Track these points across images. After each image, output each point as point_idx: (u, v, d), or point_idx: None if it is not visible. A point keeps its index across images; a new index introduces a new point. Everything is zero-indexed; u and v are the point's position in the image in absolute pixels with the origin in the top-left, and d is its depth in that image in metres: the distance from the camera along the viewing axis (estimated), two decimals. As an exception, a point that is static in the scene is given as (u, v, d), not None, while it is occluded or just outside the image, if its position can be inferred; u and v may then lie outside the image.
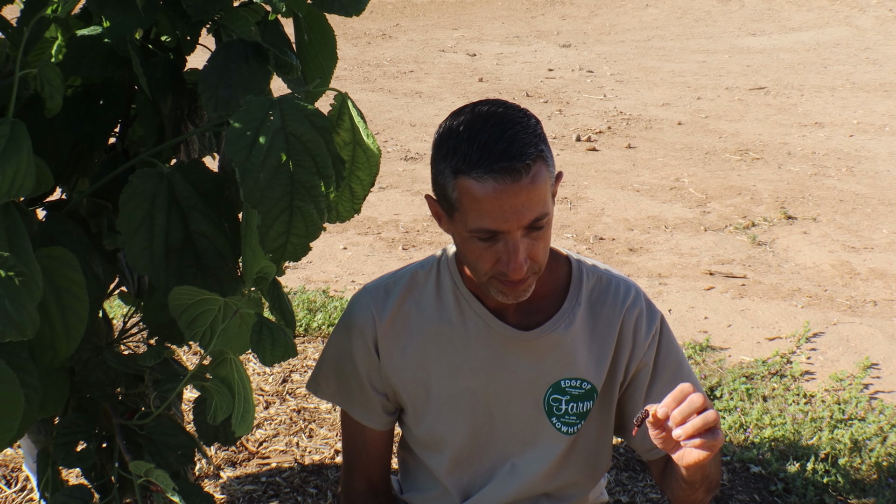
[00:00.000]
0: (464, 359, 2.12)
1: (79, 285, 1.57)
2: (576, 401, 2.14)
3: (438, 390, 2.15)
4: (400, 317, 2.14)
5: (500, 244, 1.86)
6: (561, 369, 2.12)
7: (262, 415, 3.92)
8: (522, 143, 1.80)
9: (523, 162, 1.79)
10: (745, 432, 3.88)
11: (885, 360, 4.63)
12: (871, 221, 6.67)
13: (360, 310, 2.16)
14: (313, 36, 2.01)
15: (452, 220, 1.91)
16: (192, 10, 1.77)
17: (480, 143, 1.80)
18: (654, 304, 2.21)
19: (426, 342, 2.13)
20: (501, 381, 2.13)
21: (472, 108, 1.89)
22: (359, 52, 13.27)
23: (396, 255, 5.98)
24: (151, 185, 1.67)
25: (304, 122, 1.55)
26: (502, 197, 1.80)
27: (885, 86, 11.24)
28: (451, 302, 2.12)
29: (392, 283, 2.17)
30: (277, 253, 1.56)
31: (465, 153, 1.81)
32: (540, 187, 1.83)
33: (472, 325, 2.10)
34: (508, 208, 1.81)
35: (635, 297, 2.16)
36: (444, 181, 1.86)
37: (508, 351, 2.10)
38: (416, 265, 2.20)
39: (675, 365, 2.19)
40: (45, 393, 1.75)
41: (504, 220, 1.82)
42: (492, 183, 1.79)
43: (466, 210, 1.84)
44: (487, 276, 1.92)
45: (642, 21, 16.60)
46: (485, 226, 1.83)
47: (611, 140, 8.85)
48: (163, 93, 1.87)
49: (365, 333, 2.14)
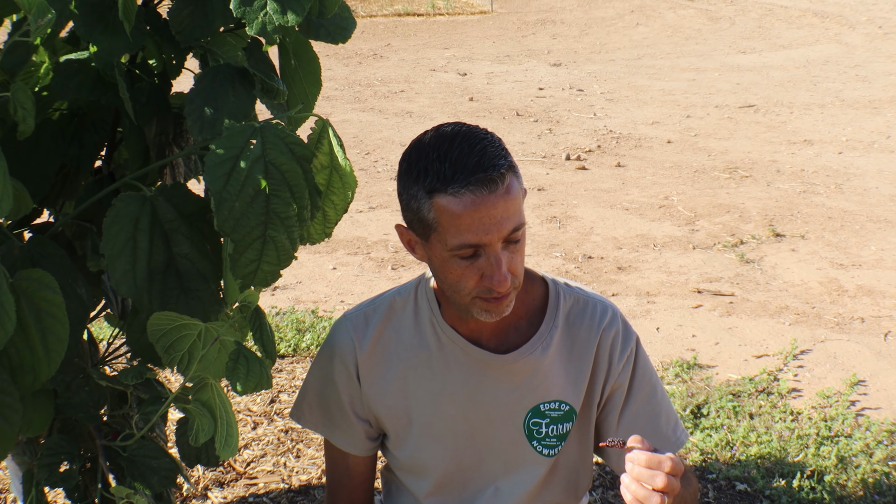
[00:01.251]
0: (443, 385, 2.13)
1: (58, 307, 1.58)
2: (555, 423, 2.15)
3: (420, 416, 2.16)
4: (380, 344, 2.15)
5: (482, 259, 1.86)
6: (540, 393, 2.13)
7: (249, 435, 3.93)
8: (493, 156, 1.82)
9: (497, 172, 1.80)
10: (732, 450, 3.90)
11: (871, 376, 4.64)
12: (860, 238, 6.69)
13: (340, 338, 2.17)
14: (298, 62, 2.03)
15: (429, 242, 1.91)
16: (181, 36, 1.78)
17: (452, 159, 1.81)
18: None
19: (406, 369, 2.14)
20: (482, 406, 2.13)
21: (434, 131, 1.91)
22: (350, 71, 13.30)
23: (386, 275, 5.99)
24: (134, 208, 1.68)
25: (285, 150, 1.56)
26: (481, 209, 1.81)
27: (874, 103, 11.28)
28: (429, 329, 2.12)
29: (371, 311, 2.18)
30: (248, 279, 1.58)
31: (437, 171, 1.82)
32: (515, 198, 1.84)
33: (450, 352, 2.11)
34: (488, 220, 1.82)
35: (612, 318, 2.16)
36: (418, 204, 1.86)
37: (487, 375, 2.11)
38: (394, 292, 2.21)
39: (650, 388, 2.19)
40: (30, 414, 1.77)
41: (485, 233, 1.82)
42: (469, 196, 1.80)
43: (445, 228, 1.84)
44: (471, 297, 1.92)
45: (633, 40, 16.65)
46: (466, 241, 1.83)
47: (600, 159, 8.88)
48: (148, 117, 1.88)
49: (346, 361, 2.15)
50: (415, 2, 21.52)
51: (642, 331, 5.06)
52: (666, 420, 2.21)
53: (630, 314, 5.29)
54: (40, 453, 1.83)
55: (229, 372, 1.60)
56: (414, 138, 1.94)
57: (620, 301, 5.52)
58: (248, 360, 1.63)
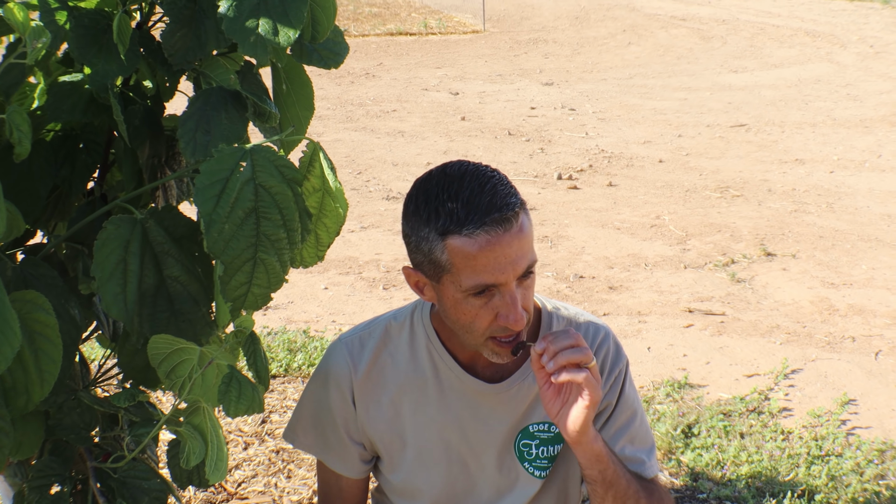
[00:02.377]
0: (438, 411, 2.14)
1: (52, 329, 1.58)
2: (545, 444, 2.16)
3: (414, 441, 2.17)
4: (375, 369, 2.16)
5: (497, 299, 1.87)
6: (529, 414, 2.15)
7: (240, 455, 3.92)
8: (504, 194, 1.83)
9: (511, 210, 1.81)
10: (723, 469, 3.90)
11: (862, 395, 4.65)
12: (851, 258, 6.71)
13: (336, 361, 2.18)
14: (291, 86, 2.04)
15: (441, 284, 1.91)
16: (174, 59, 1.79)
17: (464, 199, 1.82)
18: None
19: (401, 394, 2.15)
20: (475, 433, 2.15)
21: (440, 172, 1.91)
22: (342, 91, 13.32)
23: (377, 295, 6.00)
24: (125, 230, 1.69)
25: (275, 173, 1.57)
26: (496, 249, 1.81)
27: (866, 122, 11.32)
28: (425, 355, 2.13)
29: (367, 335, 2.19)
30: (238, 302, 1.58)
31: (450, 212, 1.82)
32: (527, 234, 1.86)
33: (445, 379, 2.12)
34: (504, 259, 1.82)
35: (604, 339, 2.18)
36: (430, 246, 1.86)
37: (481, 404, 2.12)
38: (389, 316, 2.22)
39: (631, 412, 2.21)
40: (21, 436, 1.77)
41: (501, 272, 1.83)
42: (485, 237, 1.80)
43: (460, 269, 1.84)
44: (484, 337, 1.92)
45: (624, 59, 16.70)
46: (482, 281, 1.84)
47: (592, 178, 8.90)
48: (141, 140, 1.89)
49: (342, 385, 2.16)
50: (407, 21, 21.58)
51: (634, 350, 5.07)
52: (640, 446, 2.21)
53: (621, 334, 5.30)
54: (31, 475, 1.83)
55: (221, 395, 1.61)
56: (417, 179, 1.94)
57: (612, 320, 5.53)
58: (240, 383, 1.63)
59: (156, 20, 1.93)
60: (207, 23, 1.78)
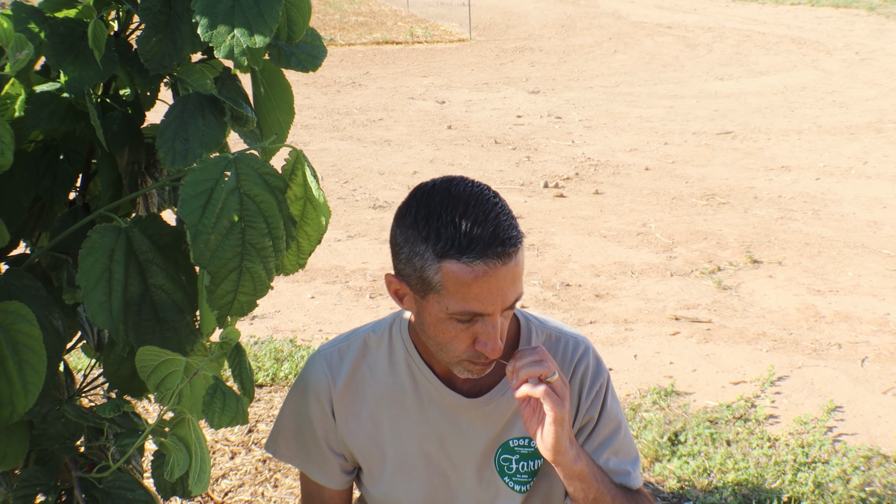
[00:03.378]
0: (417, 423, 2.13)
1: (36, 339, 1.58)
2: (525, 459, 2.15)
3: (393, 454, 2.16)
4: (354, 382, 2.15)
5: (478, 325, 1.86)
6: (509, 429, 2.14)
7: (227, 465, 3.91)
8: (507, 227, 1.82)
9: (514, 246, 1.81)
10: (709, 477, 3.91)
11: (848, 402, 4.66)
12: (837, 264, 6.73)
13: (315, 374, 2.17)
14: (270, 91, 2.04)
15: (426, 300, 1.89)
16: (150, 65, 1.79)
17: (467, 227, 1.80)
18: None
19: (380, 407, 2.15)
20: (454, 446, 2.14)
21: (444, 189, 1.87)
22: (328, 100, 13.33)
23: (364, 304, 5.99)
24: (109, 239, 1.68)
25: (259, 181, 1.57)
26: (491, 281, 1.80)
27: (852, 129, 11.36)
28: (404, 368, 2.13)
29: (345, 347, 2.18)
30: (224, 310, 1.58)
31: (451, 237, 1.80)
32: (521, 268, 1.85)
33: (424, 392, 2.12)
34: (496, 291, 1.82)
35: (584, 353, 2.17)
36: (423, 263, 1.84)
37: (460, 417, 2.12)
38: (368, 328, 2.21)
39: (615, 424, 2.19)
40: (5, 446, 1.76)
41: (491, 303, 1.82)
42: (482, 267, 1.79)
43: (450, 293, 1.83)
44: (460, 359, 1.92)
45: (610, 67, 16.74)
46: (470, 308, 1.83)
47: (578, 186, 8.91)
48: (120, 147, 1.88)
49: (321, 397, 2.15)
50: (393, 30, 21.60)
51: (620, 358, 5.08)
52: (625, 457, 2.21)
53: (608, 341, 5.31)
54: (16, 485, 1.82)
55: (205, 405, 1.60)
56: (417, 189, 1.91)
57: (598, 328, 5.54)
58: (224, 395, 1.62)
59: (133, 28, 1.93)
60: (183, 27, 1.78)
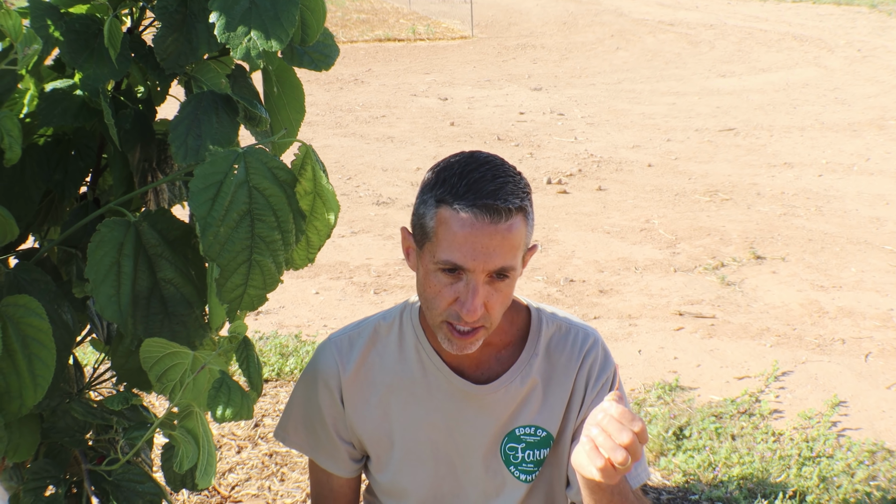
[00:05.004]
0: (425, 411, 2.14)
1: (45, 333, 1.59)
2: (531, 448, 2.16)
3: (401, 441, 2.17)
4: (364, 368, 2.16)
5: (461, 284, 1.88)
6: (515, 417, 2.14)
7: (234, 459, 3.92)
8: (510, 192, 1.84)
9: (506, 206, 1.83)
10: (714, 471, 3.91)
11: (852, 397, 4.67)
12: (840, 260, 6.73)
13: (325, 361, 2.18)
14: (282, 89, 2.04)
15: (422, 251, 1.93)
16: (166, 63, 1.80)
17: (471, 179, 1.85)
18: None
19: (389, 394, 2.15)
20: (462, 434, 2.15)
21: (470, 153, 1.94)
22: (331, 97, 13.33)
23: (368, 300, 6.00)
24: (119, 233, 1.69)
25: (268, 175, 1.58)
26: (477, 234, 1.83)
27: (854, 125, 11.36)
28: (413, 355, 2.14)
29: (356, 335, 2.19)
30: (234, 303, 1.58)
31: (453, 185, 1.85)
32: (514, 238, 1.86)
33: (433, 379, 2.12)
34: (480, 247, 1.83)
35: (593, 345, 2.17)
36: (425, 210, 1.90)
37: (468, 405, 2.12)
38: (378, 316, 2.22)
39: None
40: (17, 439, 1.77)
41: (472, 258, 1.84)
42: (470, 218, 1.82)
43: (439, 240, 1.87)
44: (441, 318, 1.93)
45: (613, 64, 16.73)
46: (453, 259, 1.85)
47: (581, 182, 8.91)
48: (132, 145, 1.89)
49: (330, 384, 2.16)
50: (395, 27, 21.60)
51: (624, 353, 5.08)
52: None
53: (612, 337, 5.31)
54: (26, 477, 1.83)
55: (210, 399, 1.61)
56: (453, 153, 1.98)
57: (602, 324, 5.54)
58: (230, 388, 1.63)
59: (147, 25, 1.93)
60: (199, 27, 1.79)
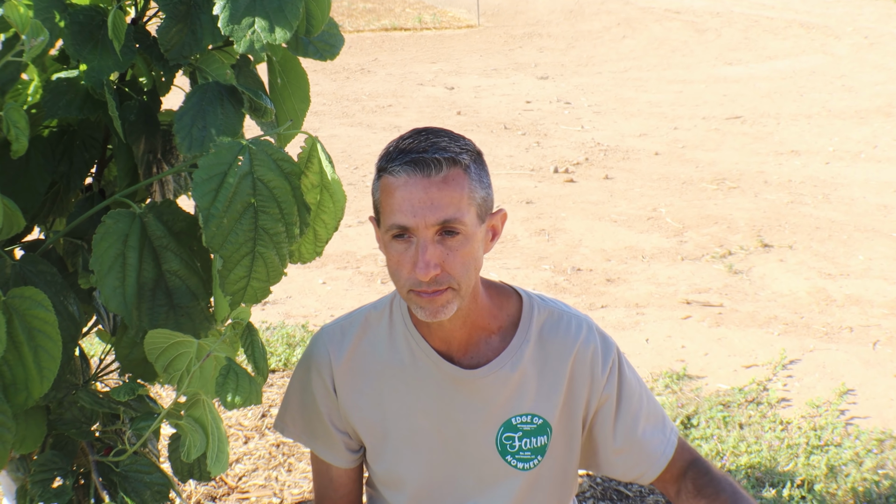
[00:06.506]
0: (417, 399, 2.13)
1: (51, 325, 1.59)
2: (528, 436, 2.14)
3: (395, 430, 2.17)
4: (356, 358, 2.16)
5: (413, 248, 1.88)
6: (511, 406, 2.13)
7: (241, 449, 3.93)
8: (443, 147, 1.85)
9: (435, 157, 1.83)
10: (722, 460, 3.91)
11: (860, 385, 4.66)
12: (847, 248, 6.72)
13: (317, 351, 2.18)
14: (286, 79, 2.04)
15: (380, 229, 1.94)
16: (170, 54, 1.79)
17: (405, 145, 1.86)
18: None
19: (381, 382, 2.15)
20: (454, 421, 2.14)
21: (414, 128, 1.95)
22: (338, 86, 13.32)
23: (375, 289, 6.00)
24: (124, 225, 1.69)
25: (273, 167, 1.57)
26: (412, 190, 1.83)
27: (861, 113, 11.33)
28: (403, 343, 2.13)
29: (347, 324, 2.19)
30: (237, 296, 1.58)
31: (388, 153, 1.88)
32: (452, 190, 1.85)
33: (423, 366, 2.11)
34: (417, 202, 1.83)
35: (588, 332, 2.15)
36: (375, 186, 1.92)
37: (458, 391, 2.11)
38: (370, 306, 2.22)
39: (637, 396, 2.19)
40: (23, 431, 1.77)
41: (412, 215, 1.83)
42: (404, 176, 1.83)
43: (384, 208, 1.88)
44: (406, 289, 1.92)
45: (619, 52, 16.70)
46: (396, 221, 1.85)
47: (588, 171, 8.90)
48: (137, 136, 1.89)
49: (323, 374, 2.16)
50: (402, 16, 21.57)
51: (631, 342, 5.08)
52: (656, 422, 2.22)
53: (619, 326, 5.31)
54: (33, 469, 1.83)
55: (218, 387, 1.61)
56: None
57: (609, 313, 5.54)
58: (237, 375, 1.63)
59: (151, 15, 1.93)
60: (203, 18, 1.79)
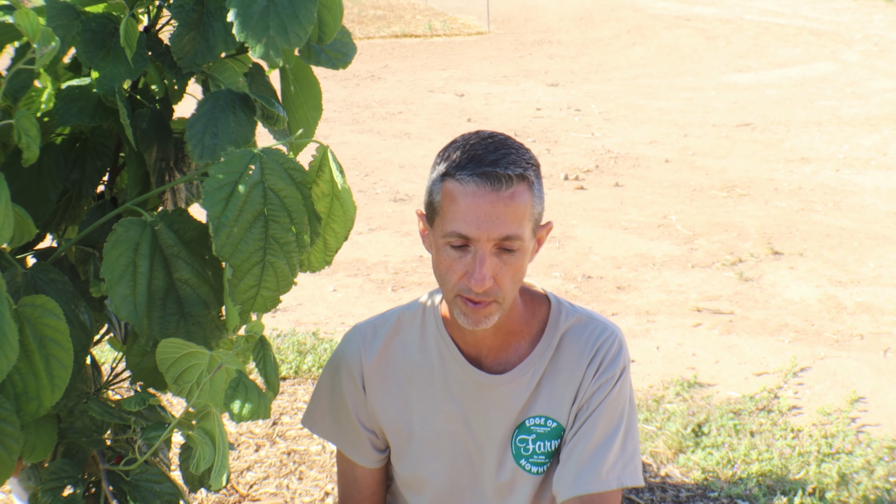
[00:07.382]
0: (443, 401, 2.14)
1: (63, 334, 1.59)
2: (542, 439, 2.14)
3: (420, 431, 2.18)
4: (386, 357, 2.17)
5: (469, 257, 1.89)
6: (527, 408, 2.13)
7: (252, 457, 3.93)
8: (512, 162, 1.86)
9: (507, 172, 1.84)
10: (733, 468, 3.90)
11: (871, 393, 4.65)
12: (858, 256, 6.70)
13: (349, 348, 2.20)
14: (299, 87, 2.04)
15: (433, 228, 1.96)
16: (183, 62, 1.80)
17: (473, 152, 1.88)
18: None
19: (409, 383, 2.16)
20: (477, 426, 2.14)
21: (476, 130, 1.98)
22: (348, 93, 13.32)
23: (386, 297, 6.00)
24: (135, 233, 1.69)
25: (284, 176, 1.58)
26: (479, 203, 1.85)
27: (871, 120, 11.29)
28: (433, 345, 2.15)
29: (380, 324, 2.22)
30: (247, 305, 1.59)
31: (456, 158, 1.89)
32: (518, 206, 1.87)
33: (451, 369, 2.13)
34: (483, 215, 1.85)
35: (608, 337, 2.13)
36: (433, 186, 1.94)
37: (483, 396, 2.12)
38: (403, 307, 2.24)
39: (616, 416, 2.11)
40: (34, 440, 1.77)
41: (476, 227, 1.85)
42: (472, 187, 1.85)
43: (445, 213, 1.89)
44: (454, 293, 1.94)
45: (629, 59, 16.68)
46: (458, 229, 1.87)
47: (598, 178, 8.89)
48: (149, 145, 1.89)
49: (353, 371, 2.18)
50: (412, 23, 21.58)
51: (642, 349, 5.08)
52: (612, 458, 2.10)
53: (630, 333, 5.30)
54: (44, 477, 1.83)
55: (227, 399, 1.61)
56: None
57: (620, 320, 5.53)
58: (246, 388, 1.63)
59: (163, 23, 1.93)
60: (216, 25, 1.79)
